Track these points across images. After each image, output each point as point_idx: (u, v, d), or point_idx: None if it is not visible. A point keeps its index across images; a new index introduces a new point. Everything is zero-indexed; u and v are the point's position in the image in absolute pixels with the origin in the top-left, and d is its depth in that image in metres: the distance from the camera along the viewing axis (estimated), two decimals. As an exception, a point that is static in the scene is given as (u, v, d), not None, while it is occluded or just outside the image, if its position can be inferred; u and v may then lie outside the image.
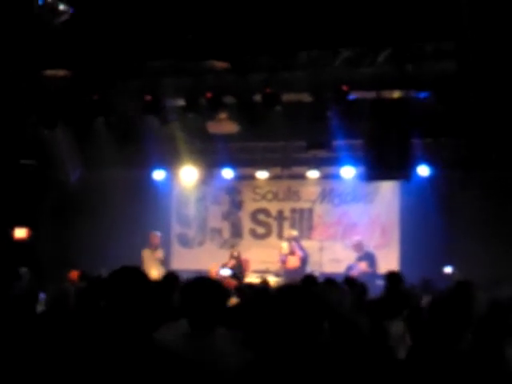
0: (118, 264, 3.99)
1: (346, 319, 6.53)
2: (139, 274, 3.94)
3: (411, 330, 4.54)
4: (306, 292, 5.69)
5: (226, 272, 14.79)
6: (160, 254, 15.82)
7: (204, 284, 4.48)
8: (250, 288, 7.98)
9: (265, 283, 11.11)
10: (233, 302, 7.95)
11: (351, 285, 8.77)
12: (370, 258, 15.42)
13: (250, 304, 6.71)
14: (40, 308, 7.41)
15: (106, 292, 3.93)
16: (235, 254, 16.26)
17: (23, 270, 11.73)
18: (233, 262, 15.91)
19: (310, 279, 8.31)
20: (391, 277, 9.04)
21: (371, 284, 10.60)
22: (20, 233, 16.75)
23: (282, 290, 6.00)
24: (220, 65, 11.80)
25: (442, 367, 3.52)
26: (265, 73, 12.76)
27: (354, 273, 14.51)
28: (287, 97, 13.30)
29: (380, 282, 11.89)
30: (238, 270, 15.48)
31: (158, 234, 16.29)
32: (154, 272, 14.14)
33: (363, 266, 15.09)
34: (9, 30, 10.78)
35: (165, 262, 15.85)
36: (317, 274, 12.67)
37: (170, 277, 7.40)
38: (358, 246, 15.75)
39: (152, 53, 12.04)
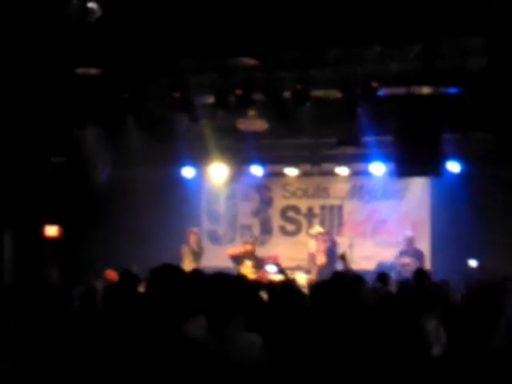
0: (148, 261, 4.03)
1: (377, 317, 6.52)
2: (179, 271, 3.98)
3: (445, 326, 4.52)
4: (336, 289, 5.70)
5: (271, 268, 14.70)
6: (196, 249, 15.82)
7: (220, 281, 4.48)
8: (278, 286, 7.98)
9: (290, 281, 11.08)
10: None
11: (384, 281, 8.76)
12: (417, 255, 15.26)
13: (276, 301, 6.71)
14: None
15: (146, 287, 3.98)
16: (249, 247, 15.94)
17: (51, 269, 11.88)
18: (247, 249, 15.71)
19: (338, 276, 8.25)
20: (418, 273, 9.00)
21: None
22: (51, 231, 16.87)
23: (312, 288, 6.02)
24: (249, 62, 11.81)
25: (476, 365, 3.51)
26: (294, 69, 12.77)
27: (404, 260, 14.46)
28: (317, 93, 13.29)
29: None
30: (254, 260, 15.34)
31: (195, 229, 16.33)
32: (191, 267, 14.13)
33: (407, 261, 14.91)
34: (41, 29, 10.88)
35: (197, 259, 15.77)
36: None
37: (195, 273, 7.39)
38: (408, 241, 15.55)
39: (181, 51, 12.09)
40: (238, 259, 15.42)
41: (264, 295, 8.07)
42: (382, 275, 9.35)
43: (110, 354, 3.87)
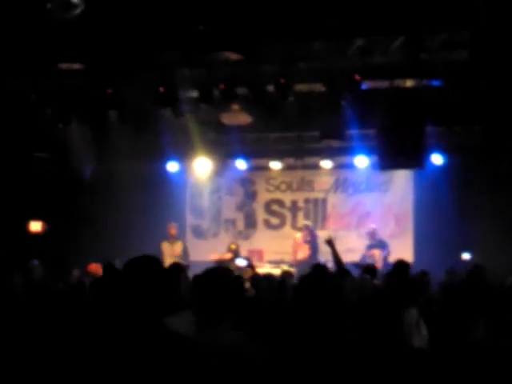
0: (132, 256, 4.02)
1: (359, 308, 6.57)
2: (156, 262, 3.98)
3: (425, 318, 4.55)
4: (318, 282, 5.73)
5: (241, 262, 14.75)
6: (179, 246, 15.77)
7: (213, 276, 4.47)
8: (266, 279, 7.99)
9: (286, 274, 11.10)
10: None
11: (371, 273, 8.78)
12: (382, 245, 15.38)
13: (265, 295, 6.74)
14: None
15: (122, 279, 3.97)
16: (233, 247, 15.99)
17: (35, 262, 11.86)
18: (230, 256, 15.74)
19: (320, 269, 8.26)
20: (398, 266, 9.02)
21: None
22: (35, 226, 16.83)
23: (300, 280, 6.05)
24: (232, 56, 11.80)
25: (456, 356, 3.55)
26: (277, 63, 12.76)
27: (372, 252, 14.57)
28: (300, 87, 13.30)
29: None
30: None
31: (173, 223, 16.32)
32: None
33: (376, 254, 15.06)
34: (22, 24, 10.83)
35: (185, 253, 15.71)
36: (330, 264, 12.63)
37: (176, 267, 7.38)
38: (370, 234, 15.72)
39: (164, 45, 12.05)
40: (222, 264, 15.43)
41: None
42: (369, 267, 9.38)
43: (95, 349, 3.87)
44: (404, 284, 8.11)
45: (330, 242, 9.79)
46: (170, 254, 15.23)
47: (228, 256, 15.54)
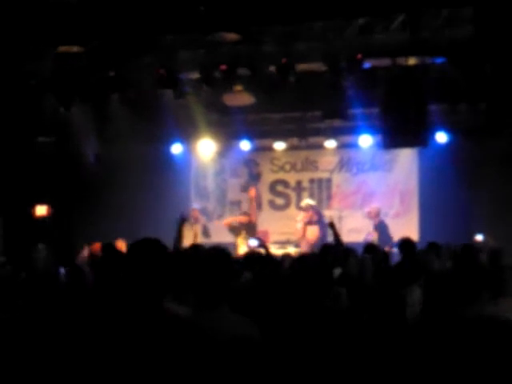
0: (138, 238, 4.02)
1: (364, 287, 6.57)
2: (159, 245, 3.98)
3: (424, 292, 4.55)
4: (320, 262, 5.73)
5: (253, 242, 14.76)
6: (198, 227, 15.83)
7: (211, 258, 4.45)
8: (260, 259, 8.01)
9: (287, 255, 11.10)
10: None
11: (372, 252, 8.77)
12: (380, 226, 15.33)
13: (260, 276, 6.74)
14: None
15: (126, 262, 3.97)
16: (244, 218, 16.08)
17: (41, 245, 11.91)
18: (243, 220, 15.86)
19: (326, 249, 8.30)
20: (404, 244, 9.02)
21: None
22: (41, 210, 16.85)
23: (294, 261, 6.04)
24: (231, 36, 11.74)
25: (449, 332, 3.54)
26: (278, 43, 12.71)
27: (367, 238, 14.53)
28: (301, 67, 13.24)
29: (396, 250, 11.88)
30: (250, 231, 15.46)
31: (197, 207, 16.33)
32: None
33: (374, 235, 15.03)
34: (21, 7, 10.80)
35: (206, 234, 15.80)
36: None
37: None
38: (369, 214, 15.67)
39: (165, 27, 12.01)
40: (234, 229, 15.52)
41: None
42: (369, 246, 9.37)
43: (95, 333, 3.88)
44: (408, 263, 8.12)
45: (331, 225, 9.82)
46: (189, 235, 15.20)
47: (243, 219, 15.79)
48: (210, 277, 4.27)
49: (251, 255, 8.56)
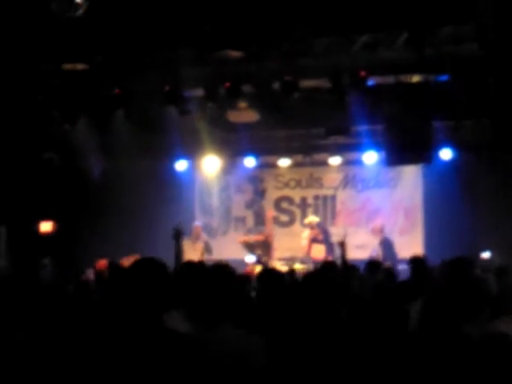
0: (142, 255, 4.04)
1: (366, 304, 6.54)
2: (160, 265, 3.98)
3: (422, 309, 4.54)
4: (323, 279, 5.72)
5: (250, 259, 14.77)
6: (200, 244, 15.81)
7: (213, 275, 4.45)
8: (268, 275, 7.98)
9: (291, 271, 11.10)
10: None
11: (373, 269, 8.77)
12: (385, 243, 15.28)
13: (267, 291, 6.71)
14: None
15: (125, 281, 3.98)
16: (261, 237, 16.13)
17: (46, 260, 11.94)
18: (259, 239, 15.90)
19: (327, 266, 8.28)
20: (415, 261, 8.98)
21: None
22: (46, 226, 16.89)
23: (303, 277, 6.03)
24: (234, 54, 11.79)
25: (443, 350, 3.53)
26: (283, 60, 12.75)
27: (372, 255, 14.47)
28: (306, 83, 13.27)
29: (402, 267, 11.84)
30: (265, 249, 15.49)
31: (199, 224, 16.32)
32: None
33: (379, 252, 14.97)
34: (25, 24, 10.85)
35: (208, 250, 15.76)
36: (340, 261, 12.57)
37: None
38: (373, 230, 15.64)
39: (169, 43, 12.08)
40: (250, 247, 15.54)
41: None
42: (371, 264, 9.37)
43: (93, 348, 3.88)
44: (420, 279, 8.07)
45: (342, 244, 9.79)
46: (192, 252, 15.17)
47: (260, 238, 15.92)
48: (211, 294, 4.26)
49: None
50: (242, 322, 4.71)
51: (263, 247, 15.65)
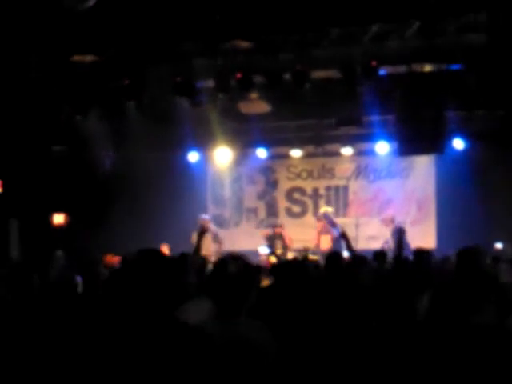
0: (156, 247, 4.04)
1: (374, 295, 6.53)
2: (158, 255, 3.97)
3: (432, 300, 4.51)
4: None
5: (263, 250, 14.78)
6: (208, 236, 15.79)
7: (228, 266, 4.42)
8: (285, 266, 7.95)
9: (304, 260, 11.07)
10: (265, 283, 7.92)
11: (380, 260, 8.75)
12: (397, 233, 15.19)
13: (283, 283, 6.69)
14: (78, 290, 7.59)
15: (128, 274, 3.97)
16: (277, 230, 16.21)
17: (59, 252, 11.98)
18: (279, 231, 15.97)
19: (333, 257, 8.21)
20: (419, 253, 8.93)
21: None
22: (58, 219, 16.95)
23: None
24: (245, 45, 11.77)
25: (453, 339, 3.51)
26: (294, 51, 12.72)
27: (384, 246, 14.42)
28: (317, 74, 13.24)
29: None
30: (281, 246, 15.53)
31: (206, 216, 16.29)
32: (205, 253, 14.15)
33: (391, 243, 14.89)
34: (36, 16, 10.86)
35: (218, 241, 15.75)
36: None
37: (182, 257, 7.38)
38: (384, 221, 15.54)
39: (180, 35, 12.06)
40: (271, 239, 15.58)
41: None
42: (378, 254, 9.35)
43: (100, 339, 3.87)
44: (421, 272, 8.05)
45: (343, 235, 9.71)
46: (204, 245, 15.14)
47: (277, 230, 15.97)
48: (227, 285, 4.24)
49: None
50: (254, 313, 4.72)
51: (282, 239, 15.75)
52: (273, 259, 13.41)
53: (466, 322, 3.58)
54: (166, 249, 12.59)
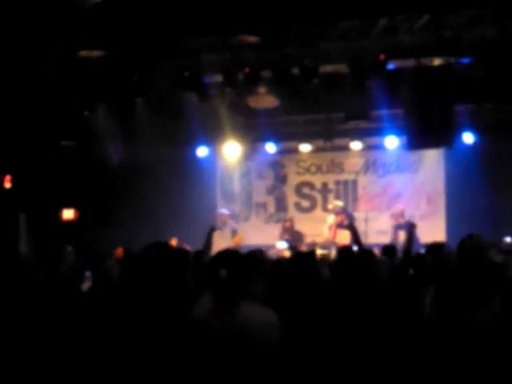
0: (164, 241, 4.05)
1: (382, 289, 6.52)
2: (166, 248, 3.98)
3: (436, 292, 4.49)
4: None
5: (282, 245, 14.77)
6: (228, 232, 15.79)
7: (227, 258, 4.49)
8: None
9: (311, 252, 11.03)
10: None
11: (390, 254, 8.72)
12: (406, 227, 15.14)
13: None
14: (87, 285, 7.60)
15: (137, 267, 3.99)
16: (287, 225, 16.22)
17: (69, 247, 12.01)
18: (286, 236, 15.94)
19: (344, 251, 8.18)
20: (433, 247, 8.89)
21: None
22: (68, 214, 16.98)
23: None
24: (251, 39, 11.75)
25: (458, 334, 3.49)
26: (302, 45, 12.69)
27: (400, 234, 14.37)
28: (325, 68, 13.22)
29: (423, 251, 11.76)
30: (295, 241, 15.53)
31: (225, 211, 16.31)
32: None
33: (402, 235, 14.80)
34: (44, 11, 10.87)
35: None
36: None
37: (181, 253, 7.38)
38: (394, 216, 15.49)
39: (188, 30, 12.05)
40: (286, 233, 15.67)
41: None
42: (387, 248, 9.33)
43: (107, 334, 3.88)
44: (436, 266, 8.01)
45: (351, 227, 9.62)
46: (220, 239, 15.05)
47: (286, 225, 16.18)
48: (225, 278, 4.31)
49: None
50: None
51: (296, 233, 15.90)
52: (287, 253, 13.39)
53: (469, 319, 3.56)
54: (174, 243, 12.60)
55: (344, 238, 15.16)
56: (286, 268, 6.10)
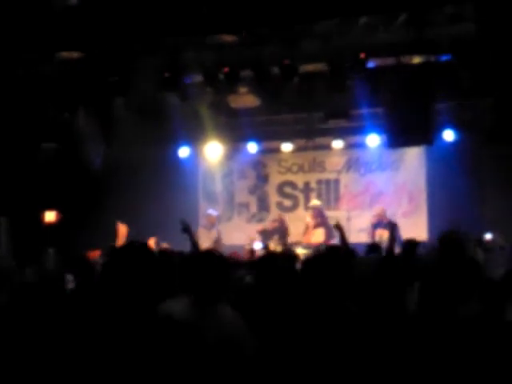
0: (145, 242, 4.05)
1: (367, 289, 6.50)
2: (144, 249, 3.97)
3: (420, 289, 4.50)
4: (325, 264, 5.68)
5: (257, 246, 14.76)
6: (214, 233, 15.80)
7: (202, 259, 4.50)
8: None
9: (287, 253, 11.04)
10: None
11: (373, 252, 8.71)
12: (388, 226, 15.14)
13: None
14: (69, 286, 7.57)
15: (112, 267, 3.98)
16: (275, 224, 16.22)
17: (50, 250, 11.97)
18: (275, 225, 15.96)
19: (332, 251, 8.18)
20: (407, 245, 8.86)
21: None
22: (50, 216, 16.89)
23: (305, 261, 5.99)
24: (228, 38, 11.73)
25: (440, 332, 3.50)
26: (281, 44, 12.67)
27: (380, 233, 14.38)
28: (306, 67, 13.22)
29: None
30: (281, 235, 15.53)
31: (214, 213, 16.30)
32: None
33: (384, 234, 14.79)
34: (21, 13, 10.80)
35: (219, 239, 15.77)
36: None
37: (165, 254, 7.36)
38: (379, 214, 15.45)
39: (167, 29, 12.00)
40: (267, 234, 15.55)
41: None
42: (373, 246, 9.32)
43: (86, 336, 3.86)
44: (409, 264, 8.03)
45: (338, 227, 9.60)
46: (205, 239, 15.07)
47: (275, 224, 16.05)
48: (199, 276, 4.34)
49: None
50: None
51: (280, 233, 15.74)
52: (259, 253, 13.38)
53: (453, 314, 3.57)
54: (152, 242, 12.55)
55: (318, 236, 15.22)
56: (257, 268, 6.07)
